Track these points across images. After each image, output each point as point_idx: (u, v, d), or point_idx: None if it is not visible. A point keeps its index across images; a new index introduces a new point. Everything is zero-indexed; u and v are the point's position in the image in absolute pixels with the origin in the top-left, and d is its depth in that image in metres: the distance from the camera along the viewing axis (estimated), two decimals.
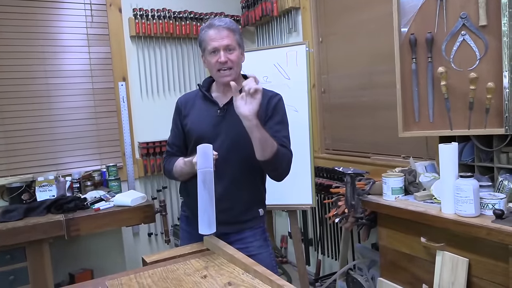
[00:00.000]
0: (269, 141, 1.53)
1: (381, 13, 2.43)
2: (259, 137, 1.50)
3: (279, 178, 1.69)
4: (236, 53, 1.64)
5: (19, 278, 2.18)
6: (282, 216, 3.53)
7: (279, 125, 1.67)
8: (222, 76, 1.64)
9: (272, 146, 1.54)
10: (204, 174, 1.45)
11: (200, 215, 1.44)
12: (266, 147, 1.53)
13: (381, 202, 1.85)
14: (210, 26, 1.64)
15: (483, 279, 1.48)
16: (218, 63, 1.62)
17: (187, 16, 3.34)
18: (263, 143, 1.52)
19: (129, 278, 1.29)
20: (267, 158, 1.54)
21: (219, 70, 1.64)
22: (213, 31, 1.62)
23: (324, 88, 3.04)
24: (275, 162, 1.57)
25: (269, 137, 1.54)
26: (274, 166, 1.61)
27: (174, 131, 1.81)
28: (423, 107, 1.80)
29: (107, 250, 2.87)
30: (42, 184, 2.50)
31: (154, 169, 3.24)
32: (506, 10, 1.51)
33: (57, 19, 2.97)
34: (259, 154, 1.54)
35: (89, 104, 3.08)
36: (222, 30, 1.61)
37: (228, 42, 1.62)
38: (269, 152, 1.53)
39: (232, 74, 1.64)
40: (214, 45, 1.61)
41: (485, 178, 1.69)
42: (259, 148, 1.53)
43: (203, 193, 1.44)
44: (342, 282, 2.49)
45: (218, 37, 1.61)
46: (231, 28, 1.63)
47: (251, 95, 1.46)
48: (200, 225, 1.44)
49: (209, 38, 1.63)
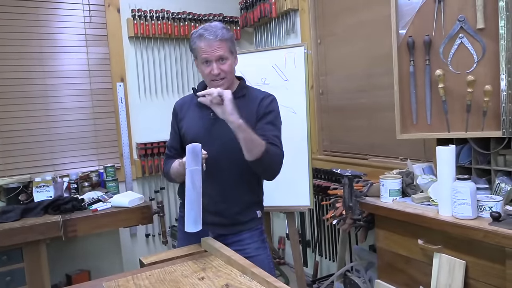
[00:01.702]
0: (256, 141, 1.53)
1: (379, 15, 2.43)
2: (244, 137, 1.51)
3: (270, 178, 1.68)
4: (229, 62, 1.64)
5: (15, 279, 2.17)
6: (280, 217, 3.53)
7: (270, 125, 1.67)
8: (215, 86, 1.63)
9: (260, 146, 1.53)
10: (191, 173, 1.45)
11: (187, 213, 1.43)
12: (252, 147, 1.52)
13: (378, 204, 1.85)
14: (200, 38, 1.60)
15: (480, 281, 1.48)
16: (211, 74, 1.62)
17: (186, 17, 3.34)
18: (249, 143, 1.52)
19: (126, 280, 1.29)
20: (255, 158, 1.54)
21: (211, 80, 1.64)
22: (203, 43, 1.60)
23: (322, 90, 3.05)
24: (264, 162, 1.57)
25: (256, 137, 1.54)
26: (263, 167, 1.60)
27: (172, 134, 1.83)
28: (420, 109, 1.80)
29: (105, 251, 2.86)
30: (40, 185, 2.49)
31: (152, 170, 3.24)
32: (503, 13, 1.52)
33: (55, 19, 2.97)
34: (247, 154, 1.54)
35: (87, 105, 3.07)
36: (213, 42, 1.59)
37: (220, 53, 1.60)
38: (257, 152, 1.53)
39: (225, 83, 1.64)
40: (206, 56, 1.61)
41: (482, 181, 1.69)
42: (245, 148, 1.53)
43: (190, 191, 1.44)
44: (339, 283, 2.49)
45: (209, 49, 1.59)
46: (222, 39, 1.60)
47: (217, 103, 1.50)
48: (186, 223, 1.42)
49: (200, 50, 1.61)
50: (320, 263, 3.10)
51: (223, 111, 1.50)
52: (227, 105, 1.49)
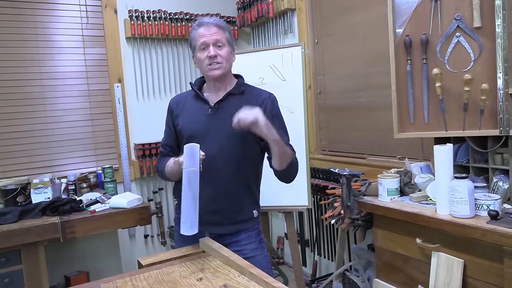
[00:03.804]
0: (287, 153, 1.60)
1: (376, 15, 2.44)
2: (278, 150, 1.56)
3: (289, 182, 1.73)
4: (226, 49, 1.65)
5: (14, 281, 2.17)
6: (279, 217, 3.53)
7: (281, 129, 1.68)
8: (211, 69, 1.64)
9: (290, 157, 1.61)
10: (189, 173, 1.44)
11: (183, 215, 1.43)
12: (284, 159, 1.59)
13: (376, 203, 1.85)
14: (200, 24, 1.66)
15: (478, 280, 1.48)
16: (207, 58, 1.63)
17: (183, 18, 3.34)
18: (282, 155, 1.58)
19: (124, 281, 1.29)
20: (283, 168, 1.61)
21: (208, 64, 1.64)
22: (202, 28, 1.64)
23: (320, 89, 3.05)
24: (290, 170, 1.65)
25: (287, 149, 1.59)
26: (289, 174, 1.68)
27: (166, 132, 1.82)
28: (418, 108, 1.80)
29: (103, 252, 2.86)
30: (38, 186, 2.49)
31: (150, 170, 3.24)
32: (500, 12, 1.52)
33: (52, 20, 2.96)
34: (277, 165, 1.61)
35: (84, 106, 3.07)
36: (211, 27, 1.64)
37: (217, 37, 1.63)
38: (287, 163, 1.61)
39: (221, 68, 1.64)
40: (204, 40, 1.63)
41: (480, 179, 1.69)
42: (278, 160, 1.59)
43: (187, 193, 1.43)
44: (338, 283, 2.49)
45: (207, 33, 1.63)
46: (220, 26, 1.66)
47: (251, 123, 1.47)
48: (182, 225, 1.42)
49: (198, 35, 1.64)
50: (319, 262, 3.10)
51: (260, 129, 1.48)
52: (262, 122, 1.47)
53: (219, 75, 1.65)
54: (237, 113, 1.48)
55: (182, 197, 1.43)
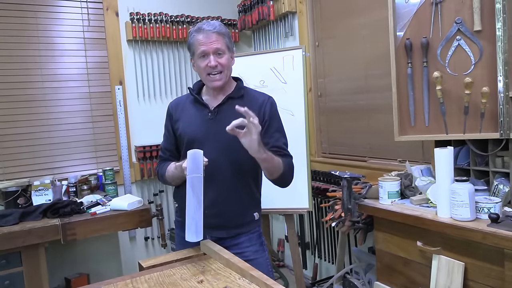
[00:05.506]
0: (276, 166, 1.60)
1: (377, 18, 2.44)
2: (266, 166, 1.59)
3: (284, 187, 1.74)
4: (226, 56, 1.64)
5: (14, 283, 2.17)
6: (279, 219, 3.53)
7: (278, 132, 1.68)
8: (212, 81, 1.64)
9: (280, 168, 1.61)
10: (192, 180, 1.44)
11: (188, 222, 1.42)
12: (274, 171, 1.62)
13: (377, 206, 1.85)
14: (198, 30, 1.63)
15: (479, 283, 1.48)
16: (208, 67, 1.62)
17: (184, 20, 3.34)
18: (271, 169, 1.60)
19: (125, 283, 1.29)
20: (274, 178, 1.64)
21: (209, 74, 1.64)
22: (202, 35, 1.61)
23: (321, 92, 3.05)
24: (283, 178, 1.66)
25: (277, 161, 1.59)
26: (282, 181, 1.69)
27: (166, 136, 1.81)
28: (418, 111, 1.81)
29: (104, 255, 2.86)
30: (38, 188, 2.49)
31: (150, 173, 3.24)
32: (500, 15, 1.52)
33: (54, 23, 2.97)
34: (268, 176, 1.65)
35: (85, 108, 3.07)
36: (211, 35, 1.60)
37: (217, 46, 1.61)
38: (278, 173, 1.62)
39: (222, 78, 1.64)
40: (204, 49, 1.61)
41: (481, 182, 1.70)
42: (267, 172, 1.63)
43: (191, 199, 1.43)
44: (339, 286, 2.49)
45: (207, 41, 1.60)
46: (220, 32, 1.62)
47: (246, 132, 1.44)
48: (187, 232, 1.42)
49: (198, 42, 1.62)
50: (319, 265, 3.10)
51: (250, 145, 1.46)
52: (254, 140, 1.45)
53: (219, 86, 1.66)
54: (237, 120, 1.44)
55: (187, 203, 1.43)
